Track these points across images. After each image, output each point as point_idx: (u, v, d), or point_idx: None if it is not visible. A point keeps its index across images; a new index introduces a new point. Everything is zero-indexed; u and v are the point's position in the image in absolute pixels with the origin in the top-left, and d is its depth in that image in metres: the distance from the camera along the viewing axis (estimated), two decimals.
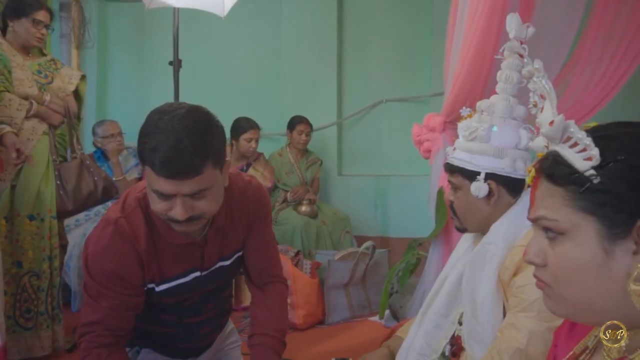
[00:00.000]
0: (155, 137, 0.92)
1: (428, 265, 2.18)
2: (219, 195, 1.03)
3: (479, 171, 1.15)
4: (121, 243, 1.05)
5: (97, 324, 1.06)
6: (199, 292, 1.18)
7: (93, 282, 1.06)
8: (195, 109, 0.98)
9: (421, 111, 3.55)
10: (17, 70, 2.02)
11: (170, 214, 0.97)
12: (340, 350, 2.10)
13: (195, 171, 0.92)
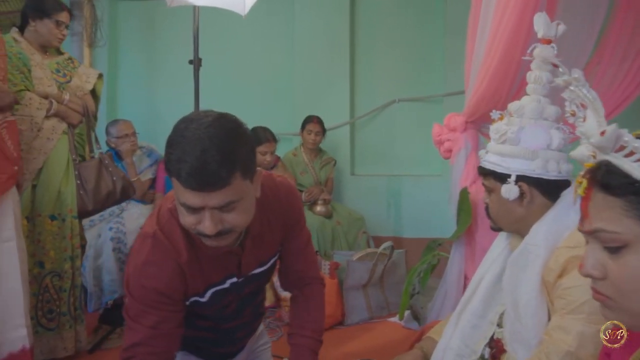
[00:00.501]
0: (181, 147, 0.87)
1: (450, 266, 2.17)
2: (249, 208, 0.97)
3: (510, 174, 1.15)
4: (161, 257, 1.02)
5: (140, 345, 1.01)
6: (236, 298, 1.17)
7: (134, 302, 1.02)
8: (222, 116, 0.93)
9: (434, 111, 3.56)
10: (36, 69, 2.01)
11: (199, 228, 0.93)
12: (362, 351, 2.09)
13: (222, 182, 0.87)
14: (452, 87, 3.42)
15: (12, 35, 2.02)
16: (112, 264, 2.70)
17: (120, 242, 2.74)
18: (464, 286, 2.13)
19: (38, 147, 1.96)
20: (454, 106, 2.99)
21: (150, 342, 1.01)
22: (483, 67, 1.87)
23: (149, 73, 3.79)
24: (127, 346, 1.02)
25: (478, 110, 2.03)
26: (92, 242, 2.69)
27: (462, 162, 2.16)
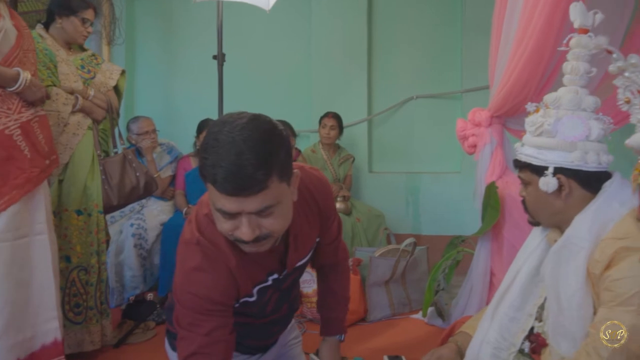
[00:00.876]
0: (214, 151, 0.84)
1: (475, 262, 2.15)
2: (287, 212, 0.94)
3: (547, 166, 1.13)
4: (210, 263, 0.99)
5: (196, 354, 0.98)
6: (276, 293, 1.16)
7: (186, 311, 1.00)
8: (256, 117, 0.90)
9: (452, 108, 3.54)
10: (62, 65, 2.02)
11: (236, 234, 0.91)
12: (386, 347, 2.07)
13: (259, 185, 0.84)
14: (470, 83, 3.40)
15: (38, 31, 2.03)
16: (134, 260, 2.72)
17: (142, 239, 2.75)
18: (490, 282, 2.11)
19: (64, 142, 1.97)
20: (472, 103, 2.98)
21: (206, 350, 0.98)
22: (512, 61, 1.85)
23: (166, 70, 3.81)
24: (183, 357, 0.99)
25: (505, 104, 2.00)
26: (114, 239, 2.71)
27: (487, 157, 2.14)
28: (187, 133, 3.39)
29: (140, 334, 2.23)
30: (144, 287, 2.74)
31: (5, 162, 1.43)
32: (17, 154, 1.46)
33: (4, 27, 1.48)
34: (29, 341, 1.46)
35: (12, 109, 1.49)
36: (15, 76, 1.48)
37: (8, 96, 1.49)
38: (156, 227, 2.81)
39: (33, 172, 1.50)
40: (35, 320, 1.49)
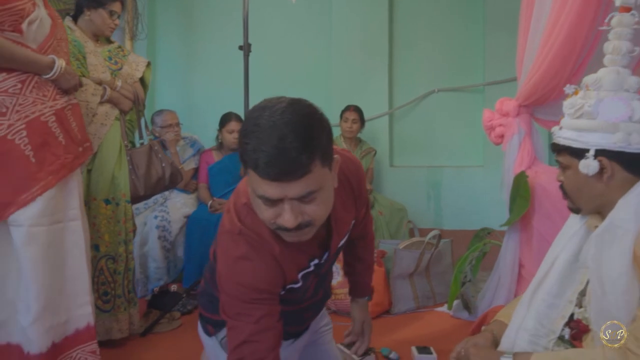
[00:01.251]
0: (256, 136, 0.83)
1: (503, 253, 2.12)
2: (329, 198, 0.93)
3: (588, 148, 1.10)
4: (255, 252, 0.98)
5: (247, 343, 0.97)
6: (316, 279, 1.15)
7: (232, 300, 0.99)
8: (297, 101, 0.88)
9: (475, 101, 3.50)
10: (90, 57, 2.04)
11: (279, 222, 0.89)
12: (412, 339, 2.06)
13: (302, 170, 0.83)
14: (492, 76, 3.36)
15: (67, 24, 2.05)
16: (158, 252, 2.74)
17: (165, 231, 2.78)
18: (518, 274, 2.08)
19: (93, 132, 1.99)
20: (495, 95, 2.93)
21: (256, 338, 0.97)
22: (544, 47, 1.82)
23: (187, 65, 3.84)
24: (234, 347, 0.98)
25: (535, 93, 1.97)
26: (138, 230, 2.73)
27: (515, 147, 2.11)
28: (207, 127, 3.42)
29: (166, 323, 2.25)
30: (168, 279, 2.77)
31: (40, 148, 1.45)
32: (52, 141, 1.48)
33: (39, 15, 1.50)
34: (64, 325, 1.48)
35: (47, 96, 1.50)
36: (51, 64, 1.50)
37: (43, 83, 1.50)
38: (179, 220, 2.83)
39: (67, 159, 1.52)
40: (70, 305, 1.50)
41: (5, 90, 1.41)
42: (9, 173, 1.39)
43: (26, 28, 1.46)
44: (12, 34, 1.43)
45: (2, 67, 1.41)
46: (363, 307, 1.43)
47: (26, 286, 1.41)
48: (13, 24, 1.42)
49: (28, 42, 1.47)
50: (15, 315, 1.43)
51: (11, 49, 1.41)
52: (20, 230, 1.39)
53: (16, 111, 1.42)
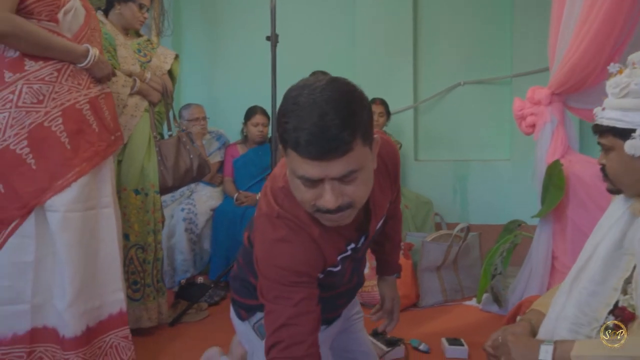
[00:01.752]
0: (296, 114, 0.82)
1: (535, 245, 2.07)
2: (369, 179, 0.91)
3: (634, 128, 1.06)
4: (293, 234, 0.97)
5: (285, 326, 0.95)
6: (352, 264, 1.13)
7: (271, 283, 0.97)
8: (336, 79, 0.87)
9: (502, 93, 3.43)
10: (120, 49, 2.07)
11: (319, 203, 0.87)
12: (442, 331, 2.02)
13: (344, 147, 0.81)
14: (521, 67, 3.29)
15: (98, 18, 2.09)
16: (184, 244, 2.77)
17: (192, 223, 2.80)
18: (552, 266, 2.02)
19: (123, 124, 2.01)
20: (523, 87, 2.86)
21: (295, 322, 0.95)
22: (580, 32, 1.77)
23: (211, 60, 3.86)
24: (272, 330, 0.96)
25: (569, 80, 1.91)
26: (166, 222, 2.76)
27: (547, 136, 2.05)
28: (231, 121, 3.43)
29: (194, 314, 2.27)
30: (194, 271, 2.79)
31: (75, 135, 1.47)
32: (86, 128, 1.51)
33: (74, 6, 1.53)
34: (97, 310, 1.50)
35: (81, 85, 1.53)
36: (85, 52, 1.53)
37: (78, 72, 1.53)
38: (206, 213, 2.85)
39: (101, 146, 1.54)
40: (103, 291, 1.52)
41: (42, 78, 1.44)
42: (46, 159, 1.42)
43: (62, 18, 1.49)
44: (49, 23, 1.46)
45: (40, 55, 1.44)
46: (392, 285, 1.42)
47: (61, 271, 1.43)
48: (49, 14, 1.46)
49: (63, 31, 1.50)
50: (51, 300, 1.46)
51: (48, 38, 1.44)
52: (56, 216, 1.42)
53: (52, 99, 1.45)
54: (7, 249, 1.41)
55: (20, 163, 1.40)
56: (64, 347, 1.43)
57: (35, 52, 1.43)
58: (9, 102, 1.39)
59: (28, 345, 1.43)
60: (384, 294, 1.41)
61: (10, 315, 1.42)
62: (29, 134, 1.40)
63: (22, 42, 1.40)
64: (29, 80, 1.42)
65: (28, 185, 1.40)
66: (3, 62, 1.41)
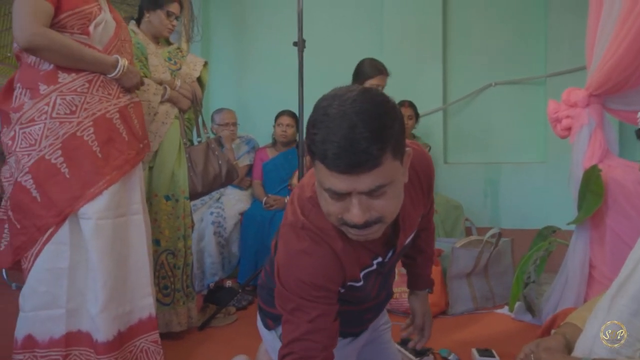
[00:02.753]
0: (325, 126, 0.79)
1: (572, 253, 1.99)
2: (399, 194, 0.88)
3: None
4: (316, 247, 0.95)
5: (299, 341, 0.94)
6: (380, 278, 1.12)
7: (290, 294, 0.96)
8: (367, 90, 0.84)
9: (536, 93, 3.33)
10: (151, 58, 2.11)
11: (346, 218, 0.85)
12: (472, 340, 1.97)
13: (373, 161, 0.79)
14: (555, 66, 3.18)
15: (131, 27, 2.14)
16: (213, 247, 2.81)
17: (220, 227, 2.84)
18: (589, 275, 1.94)
19: (154, 131, 2.06)
20: (558, 87, 2.77)
21: (310, 337, 0.94)
22: (621, 29, 1.69)
23: (240, 65, 3.91)
24: (287, 342, 0.95)
25: (608, 81, 1.83)
26: (196, 226, 2.81)
27: (584, 140, 1.97)
28: (260, 126, 3.47)
29: (222, 318, 2.29)
30: (223, 274, 2.83)
31: (106, 144, 1.51)
32: (116, 137, 1.54)
33: (104, 19, 1.57)
34: (128, 315, 1.54)
35: (111, 95, 1.57)
36: (115, 63, 1.56)
37: (108, 82, 1.57)
38: (234, 216, 2.88)
39: (130, 155, 1.58)
40: (133, 296, 1.56)
41: (75, 89, 1.49)
42: (79, 168, 1.46)
43: (93, 30, 1.53)
44: (81, 36, 1.51)
45: (72, 67, 1.49)
46: (423, 300, 1.38)
47: (94, 276, 1.47)
48: (81, 27, 1.50)
49: (94, 43, 1.54)
50: (84, 305, 1.50)
51: (81, 50, 1.48)
52: (89, 223, 1.46)
53: (84, 109, 1.49)
54: (44, 256, 1.45)
55: (55, 172, 1.44)
56: (97, 351, 1.46)
57: (68, 65, 1.48)
58: (44, 113, 1.44)
59: (64, 348, 1.47)
60: (415, 309, 1.38)
61: (46, 319, 1.46)
62: (62, 144, 1.45)
63: (56, 55, 1.44)
64: (62, 91, 1.47)
65: (62, 193, 1.44)
66: (38, 75, 1.46)
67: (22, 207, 1.45)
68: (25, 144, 1.45)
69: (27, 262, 1.45)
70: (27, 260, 1.45)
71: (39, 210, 1.44)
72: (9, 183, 1.47)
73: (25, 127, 1.44)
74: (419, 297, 1.38)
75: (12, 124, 1.45)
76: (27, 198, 1.44)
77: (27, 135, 1.45)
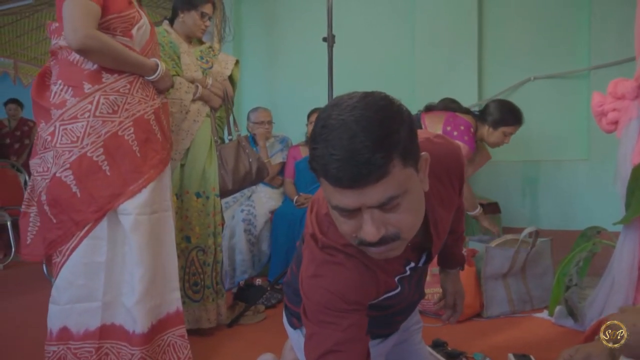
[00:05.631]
0: (323, 139, 0.74)
1: (618, 255, 1.87)
2: (417, 205, 0.81)
3: None
4: (346, 259, 0.90)
5: (333, 352, 0.87)
6: (411, 283, 1.08)
7: (315, 306, 0.90)
8: (369, 94, 0.78)
9: (578, 87, 3.16)
10: (184, 56, 2.14)
11: (360, 236, 0.79)
12: (509, 345, 1.89)
13: (378, 171, 0.72)
14: (600, 58, 3.02)
15: (164, 27, 2.19)
16: (243, 245, 2.82)
17: (251, 224, 2.85)
18: (638, 278, 1.82)
19: (186, 129, 2.08)
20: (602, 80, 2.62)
21: (344, 348, 0.87)
22: None
23: (271, 63, 3.92)
24: (317, 356, 0.88)
25: None
26: (228, 223, 2.84)
27: (633, 134, 1.84)
28: (292, 123, 3.46)
29: (251, 316, 2.29)
30: (253, 272, 2.84)
31: (144, 143, 1.55)
32: (152, 137, 1.58)
33: (145, 22, 1.63)
34: (158, 308, 1.55)
35: (149, 96, 1.61)
36: (155, 66, 1.61)
37: (146, 84, 1.62)
38: (265, 214, 2.89)
39: (163, 154, 1.61)
40: (163, 290, 1.57)
41: (117, 90, 1.52)
42: (119, 166, 1.50)
43: (135, 33, 1.57)
44: (123, 38, 1.55)
45: (117, 69, 1.53)
46: (455, 278, 1.37)
47: (131, 270, 1.50)
48: (124, 30, 1.55)
49: (135, 46, 1.59)
50: (119, 298, 1.53)
51: (126, 53, 1.52)
52: (129, 219, 1.49)
53: (125, 109, 1.53)
54: (81, 250, 1.48)
55: (97, 170, 1.48)
56: (132, 342, 1.49)
57: (114, 66, 1.52)
58: (87, 111, 1.48)
59: (97, 341, 1.50)
60: (446, 288, 1.37)
61: (83, 312, 1.50)
62: (104, 143, 1.48)
63: (106, 57, 1.49)
64: (106, 91, 1.50)
65: (103, 190, 1.48)
66: (82, 74, 1.50)
67: (60, 201, 1.48)
68: (66, 140, 1.47)
69: (60, 256, 1.49)
70: (61, 254, 1.49)
71: (78, 206, 1.47)
72: (43, 177, 1.50)
73: (67, 124, 1.47)
74: (450, 275, 1.37)
75: (52, 120, 1.49)
76: (67, 193, 1.47)
77: (68, 132, 1.48)
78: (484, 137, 2.55)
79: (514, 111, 2.52)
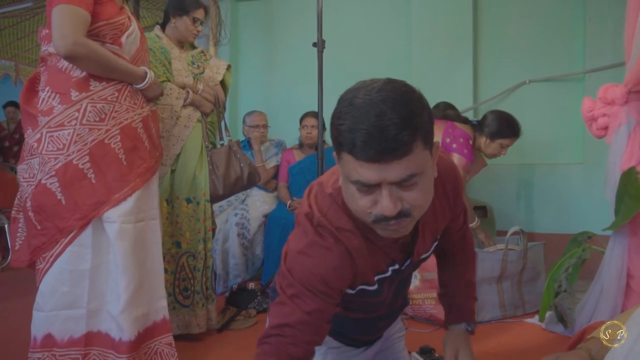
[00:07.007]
0: (351, 115, 0.77)
1: (608, 260, 1.86)
2: (429, 186, 0.85)
3: None
4: (330, 242, 0.93)
5: (291, 327, 0.91)
6: (394, 286, 1.08)
7: (293, 280, 0.92)
8: (392, 80, 0.81)
9: (572, 91, 3.15)
10: (175, 62, 2.14)
11: (376, 211, 0.82)
12: (499, 352, 1.89)
13: (404, 148, 0.75)
14: (595, 62, 3.01)
15: (155, 32, 2.19)
16: (237, 249, 2.82)
17: (244, 228, 2.85)
18: (626, 285, 1.81)
19: (177, 134, 2.09)
20: (597, 84, 2.61)
21: (302, 328, 0.91)
22: None
23: (267, 66, 3.92)
24: (276, 324, 0.92)
25: None
26: (221, 227, 2.84)
27: (622, 140, 1.84)
28: (287, 127, 3.46)
29: (242, 320, 2.29)
30: (246, 276, 2.84)
31: (131, 152, 1.54)
32: (139, 145, 1.57)
33: (134, 29, 1.61)
34: (144, 317, 1.55)
35: (137, 104, 1.61)
36: (144, 75, 1.61)
37: (135, 92, 1.61)
38: (258, 218, 2.89)
39: (150, 162, 1.60)
40: (149, 298, 1.57)
41: (105, 98, 1.52)
42: (105, 174, 1.49)
43: (124, 41, 1.57)
44: (112, 46, 1.54)
45: (105, 76, 1.53)
46: (459, 338, 1.23)
47: (116, 278, 1.50)
48: (113, 37, 1.54)
49: (124, 53, 1.58)
50: (105, 306, 1.53)
51: (115, 61, 1.52)
52: (113, 227, 1.49)
53: (112, 117, 1.52)
54: (66, 257, 1.48)
55: (82, 177, 1.47)
56: (119, 350, 1.49)
57: (102, 74, 1.52)
58: (74, 119, 1.47)
59: (83, 347, 1.50)
60: (445, 342, 1.24)
61: (67, 319, 1.50)
62: (90, 150, 1.48)
63: (94, 64, 1.48)
64: (94, 99, 1.50)
65: (88, 198, 1.47)
66: (70, 82, 1.50)
67: (45, 208, 1.48)
68: (52, 147, 1.47)
69: (44, 263, 1.49)
70: (44, 260, 1.49)
71: (63, 213, 1.47)
72: (29, 184, 1.51)
73: (53, 131, 1.47)
74: (453, 332, 1.24)
75: (39, 127, 1.49)
76: (52, 200, 1.47)
77: (54, 139, 1.48)
78: (481, 147, 2.54)
79: (512, 123, 2.49)
